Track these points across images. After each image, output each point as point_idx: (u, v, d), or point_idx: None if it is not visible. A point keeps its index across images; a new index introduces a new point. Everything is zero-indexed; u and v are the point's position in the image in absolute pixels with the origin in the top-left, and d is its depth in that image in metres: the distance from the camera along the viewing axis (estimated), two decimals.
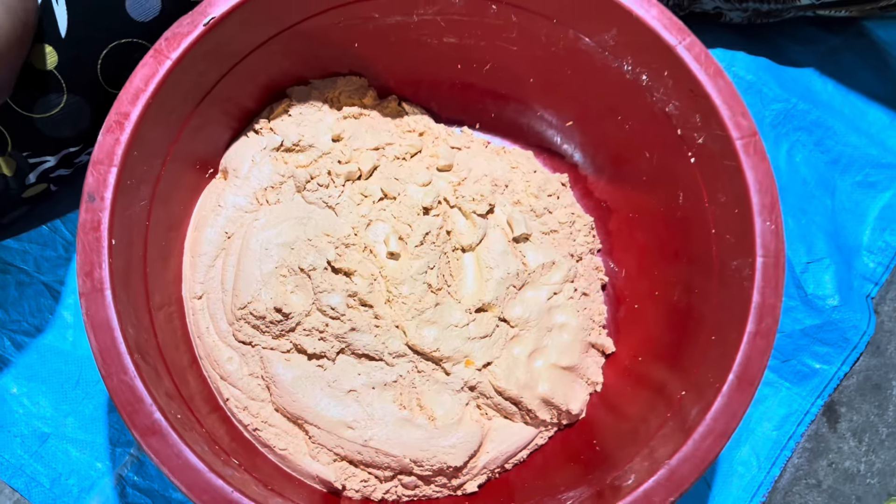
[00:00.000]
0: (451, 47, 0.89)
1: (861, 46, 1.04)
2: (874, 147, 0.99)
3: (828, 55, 1.04)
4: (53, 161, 0.82)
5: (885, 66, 1.04)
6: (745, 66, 1.01)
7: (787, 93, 1.00)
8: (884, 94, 1.02)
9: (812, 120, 0.99)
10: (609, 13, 0.77)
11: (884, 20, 1.05)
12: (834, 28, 1.05)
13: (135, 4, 0.73)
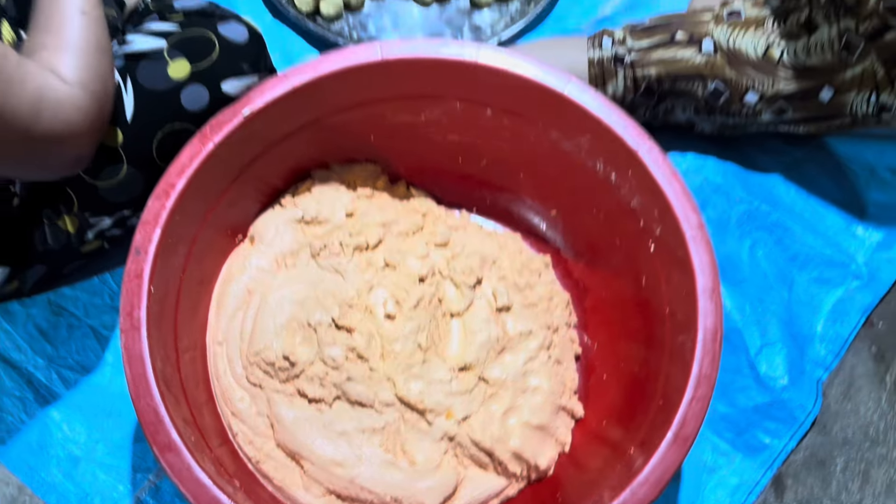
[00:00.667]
0: (454, 143, 1.02)
1: (822, 159, 1.16)
2: (830, 248, 1.09)
3: (792, 165, 1.15)
4: (109, 222, 0.95)
5: (843, 177, 1.15)
6: (714, 171, 1.12)
7: (751, 196, 1.11)
8: (841, 201, 1.13)
9: (774, 220, 1.10)
10: (584, 121, 0.90)
11: (842, 137, 1.17)
12: (798, 142, 1.16)
13: (188, 97, 0.88)
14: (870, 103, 1.05)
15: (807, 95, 1.05)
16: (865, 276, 1.07)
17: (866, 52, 1.02)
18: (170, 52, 0.88)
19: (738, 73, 1.04)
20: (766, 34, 1.05)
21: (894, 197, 1.13)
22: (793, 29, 1.05)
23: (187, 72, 0.87)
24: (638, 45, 1.06)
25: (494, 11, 1.27)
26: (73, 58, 0.74)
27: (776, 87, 1.04)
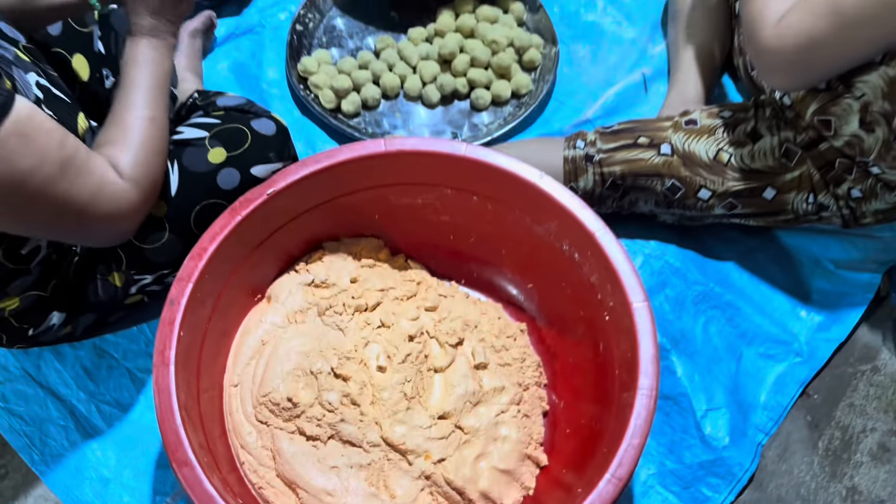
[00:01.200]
0: (446, 223, 1.18)
1: (773, 249, 1.29)
2: (776, 327, 1.22)
3: (745, 253, 1.29)
4: (150, 279, 1.12)
5: (791, 266, 1.28)
6: (674, 256, 1.27)
7: (707, 279, 1.25)
8: (788, 287, 1.26)
9: (727, 301, 1.24)
10: (552, 209, 1.06)
11: (790, 231, 1.31)
12: (751, 233, 1.31)
13: (223, 178, 1.05)
14: (808, 203, 1.19)
15: (752, 193, 1.19)
16: (805, 353, 1.20)
17: (803, 159, 1.17)
18: (210, 141, 1.06)
19: (692, 173, 1.20)
20: (717, 141, 1.21)
21: (835, 285, 1.26)
22: (740, 137, 1.20)
23: (223, 158, 1.05)
24: (606, 146, 1.23)
25: (490, 114, 1.45)
26: (132, 157, 0.91)
27: (725, 186, 1.19)
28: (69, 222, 0.86)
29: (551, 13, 1.55)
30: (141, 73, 0.95)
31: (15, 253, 0.95)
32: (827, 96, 1.10)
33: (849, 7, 0.94)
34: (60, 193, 0.82)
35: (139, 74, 0.95)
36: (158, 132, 0.94)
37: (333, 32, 1.55)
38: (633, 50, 1.55)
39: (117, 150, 0.90)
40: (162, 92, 0.97)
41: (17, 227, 0.86)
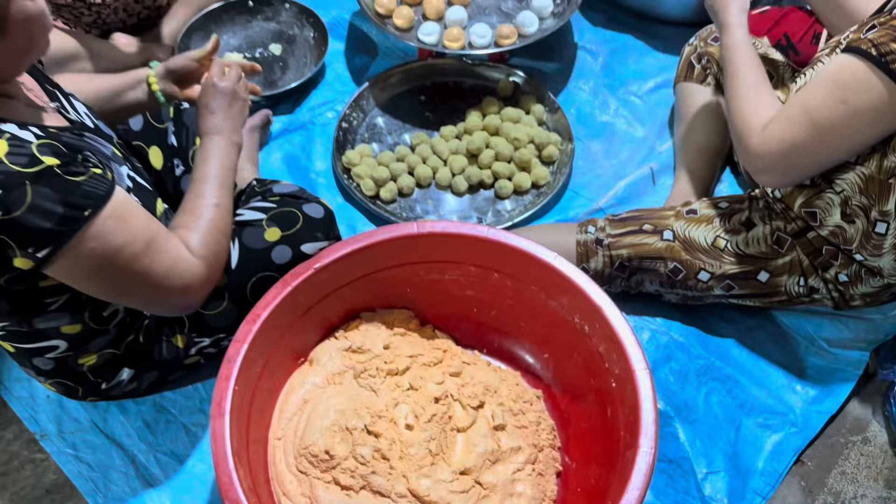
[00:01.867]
0: (470, 297, 1.31)
1: (770, 328, 1.39)
2: (772, 399, 1.30)
3: (745, 332, 1.39)
4: (208, 342, 1.25)
5: (787, 343, 1.37)
6: (679, 332, 1.37)
7: (709, 353, 1.35)
8: (784, 362, 1.35)
9: (727, 374, 1.33)
10: (564, 286, 1.18)
11: (786, 311, 1.41)
12: (750, 313, 1.41)
13: (277, 254, 1.19)
14: (800, 285, 1.29)
15: (748, 276, 1.30)
16: (800, 424, 1.27)
17: (793, 246, 1.28)
18: (267, 222, 1.21)
19: (692, 257, 1.31)
20: (715, 228, 1.33)
21: (828, 362, 1.35)
22: (735, 225, 1.32)
23: (278, 236, 1.20)
24: (614, 232, 1.35)
25: (512, 202, 1.59)
26: (201, 238, 1.06)
27: (723, 269, 1.30)
28: (147, 292, 1.00)
29: (568, 114, 1.71)
30: (209, 167, 1.11)
31: (98, 315, 1.09)
32: (812, 191, 1.22)
33: (822, 118, 1.07)
34: (143, 267, 0.96)
35: (208, 168, 1.11)
36: (223, 216, 1.09)
37: (374, 129, 1.73)
38: (642, 147, 1.69)
39: (189, 232, 1.05)
40: (227, 183, 1.13)
41: (105, 293, 1.00)
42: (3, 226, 0.85)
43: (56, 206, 0.86)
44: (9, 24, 0.85)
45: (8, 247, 0.87)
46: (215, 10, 1.88)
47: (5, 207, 0.84)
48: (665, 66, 1.83)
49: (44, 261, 0.89)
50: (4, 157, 0.84)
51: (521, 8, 1.76)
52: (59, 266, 0.90)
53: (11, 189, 0.83)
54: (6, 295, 0.96)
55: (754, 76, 1.23)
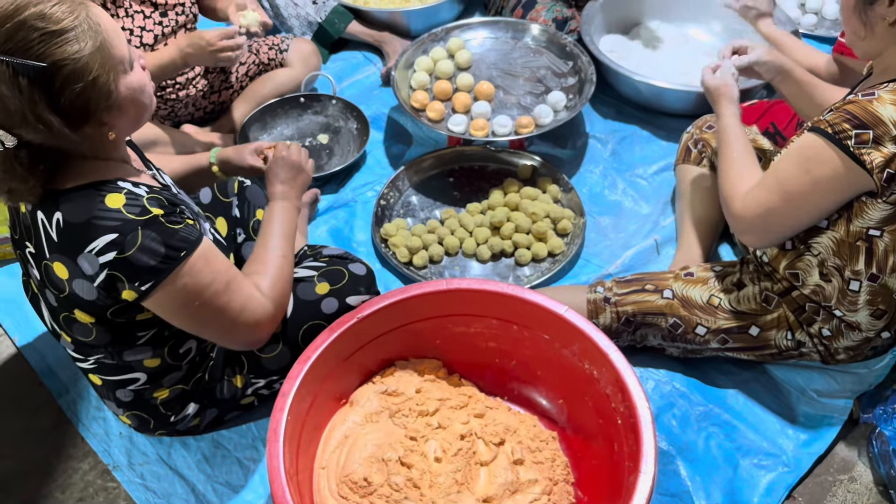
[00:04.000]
0: (492, 349, 1.44)
1: (764, 380, 1.50)
2: (766, 442, 1.40)
3: (741, 383, 1.50)
4: (262, 383, 1.39)
5: (780, 394, 1.48)
6: (680, 382, 1.49)
7: (709, 401, 1.46)
8: (777, 410, 1.45)
9: (725, 420, 1.43)
10: (574, 334, 1.31)
11: (778, 365, 1.52)
12: (745, 366, 1.52)
13: (325, 305, 1.35)
14: (788, 339, 1.41)
15: (740, 330, 1.43)
16: (792, 464, 1.37)
17: (779, 303, 1.41)
18: (318, 278, 1.37)
19: (690, 313, 1.45)
20: (710, 288, 1.46)
21: (817, 410, 1.45)
22: (728, 286, 1.46)
23: (327, 290, 1.36)
24: (620, 291, 1.50)
25: (530, 268, 1.75)
26: (270, 281, 1.23)
27: (718, 324, 1.43)
28: (224, 325, 1.16)
29: (581, 193, 1.88)
30: (276, 224, 1.29)
31: (175, 351, 1.25)
32: (793, 254, 1.36)
33: (791, 186, 1.23)
34: (223, 303, 1.13)
35: (275, 226, 1.29)
36: (288, 266, 1.26)
37: (409, 206, 1.91)
38: (647, 221, 1.85)
39: (260, 277, 1.22)
40: (290, 239, 1.30)
41: (189, 324, 1.15)
42: (118, 263, 1.02)
43: (160, 247, 1.03)
44: (121, 101, 1.03)
45: (119, 280, 1.04)
46: (271, 104, 2.11)
47: (121, 248, 1.01)
48: (667, 151, 2.01)
49: (146, 293, 1.06)
50: (123, 207, 1.02)
51: (537, 102, 1.97)
52: (157, 298, 1.07)
53: (127, 233, 1.02)
54: (109, 326, 1.13)
55: (740, 152, 1.39)
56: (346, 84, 2.29)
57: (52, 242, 1.06)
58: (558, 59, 2.07)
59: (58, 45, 0.94)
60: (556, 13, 2.17)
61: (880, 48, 1.23)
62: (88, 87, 0.97)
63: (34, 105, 0.94)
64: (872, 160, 1.15)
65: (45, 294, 1.16)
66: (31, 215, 1.09)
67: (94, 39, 0.96)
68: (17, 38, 0.92)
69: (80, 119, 0.99)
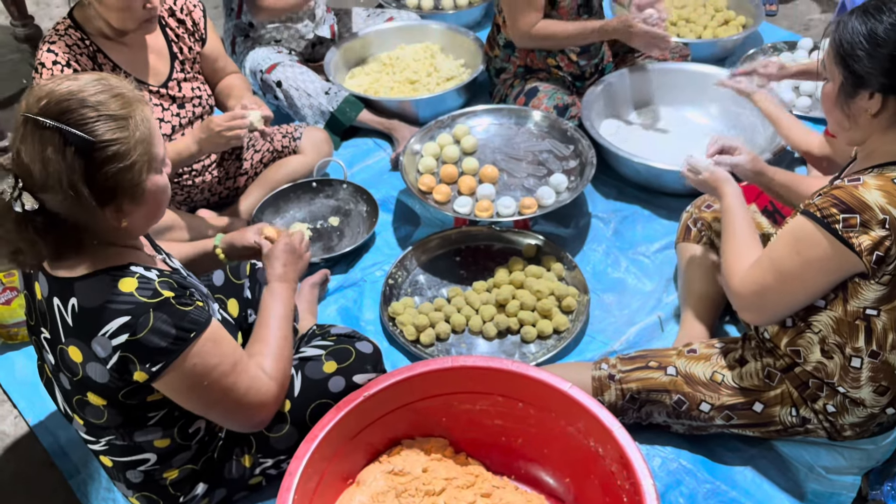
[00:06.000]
0: (498, 426, 1.45)
1: (772, 456, 1.49)
2: None
3: (748, 459, 1.48)
4: (270, 463, 1.40)
5: (787, 469, 1.46)
6: (687, 459, 1.47)
7: (715, 478, 1.44)
8: (786, 487, 1.43)
9: (732, 498, 1.41)
10: (579, 411, 1.32)
11: (786, 441, 1.51)
12: (752, 442, 1.51)
13: (333, 383, 1.37)
14: (792, 416, 1.41)
15: (744, 407, 1.43)
16: None
17: (782, 380, 1.41)
18: (325, 356, 1.40)
19: (693, 390, 1.45)
20: (712, 365, 1.47)
21: (825, 487, 1.42)
22: (731, 362, 1.47)
23: (334, 368, 1.38)
24: (624, 368, 1.51)
25: (536, 346, 1.77)
26: (273, 363, 1.25)
27: (721, 400, 1.44)
28: (230, 405, 1.18)
29: (584, 271, 1.92)
30: (276, 306, 1.33)
31: (185, 431, 1.26)
32: (794, 332, 1.38)
33: (784, 266, 1.26)
34: (230, 384, 1.15)
35: (275, 307, 1.33)
36: (287, 346, 1.29)
37: (416, 285, 1.95)
38: (651, 298, 1.88)
39: (263, 358, 1.25)
40: (289, 319, 1.34)
41: (197, 405, 1.18)
42: (130, 345, 1.06)
43: (171, 328, 1.07)
44: (144, 195, 1.10)
45: (131, 362, 1.07)
46: (284, 189, 2.18)
47: (133, 330, 1.05)
48: (669, 230, 2.05)
49: (157, 374, 1.08)
50: (135, 290, 1.07)
51: (540, 184, 2.03)
52: (167, 379, 1.10)
53: (139, 315, 1.06)
54: (120, 408, 1.15)
55: (741, 230, 1.43)
56: (357, 169, 2.37)
57: (68, 327, 1.10)
58: (560, 143, 2.15)
59: (110, 128, 1.03)
60: (557, 101, 2.25)
61: (864, 137, 1.28)
62: (124, 171, 1.05)
63: (72, 173, 1.01)
64: (861, 243, 1.18)
65: (59, 378, 1.19)
66: (46, 302, 1.13)
67: (141, 132, 1.06)
68: (76, 113, 1.02)
69: (106, 198, 1.05)
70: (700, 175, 1.57)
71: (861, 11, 1.23)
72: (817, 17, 3.11)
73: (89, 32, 1.74)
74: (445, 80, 2.58)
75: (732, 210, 1.47)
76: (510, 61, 2.38)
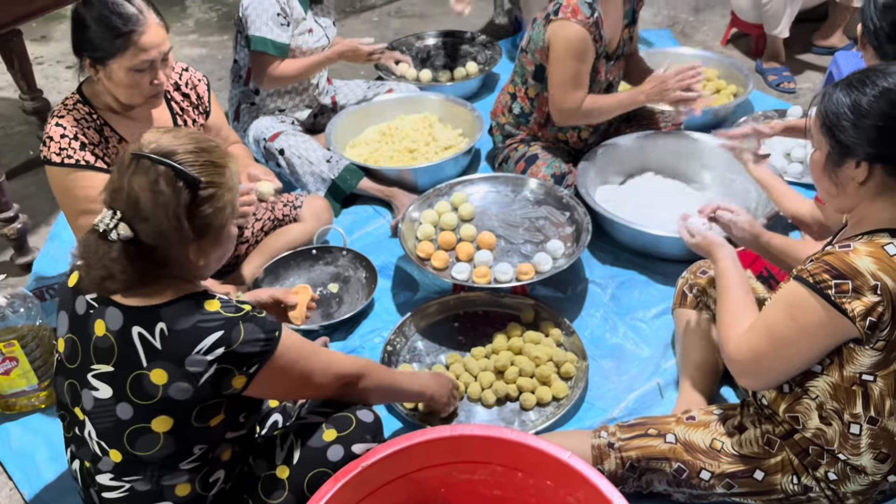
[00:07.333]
0: (497, 497, 1.43)
1: None
2: None
3: None
4: None
5: None
6: None
7: None
8: None
9: None
10: (578, 480, 1.30)
11: None
12: None
13: (331, 452, 1.36)
14: (794, 484, 1.40)
15: (745, 475, 1.41)
16: None
17: (782, 447, 1.40)
18: (326, 424, 1.39)
19: (693, 458, 1.44)
20: (711, 432, 1.47)
21: None
22: (730, 429, 1.46)
23: (334, 437, 1.37)
24: (624, 436, 1.50)
25: (535, 413, 1.76)
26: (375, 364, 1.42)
27: (721, 468, 1.42)
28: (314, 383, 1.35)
29: (582, 336, 1.92)
30: None
31: (206, 481, 1.29)
32: (791, 397, 1.38)
33: (778, 332, 1.27)
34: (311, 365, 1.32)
35: None
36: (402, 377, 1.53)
37: (415, 351, 1.95)
38: (649, 364, 1.88)
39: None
40: None
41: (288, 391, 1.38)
42: (227, 356, 1.19)
43: (260, 334, 1.21)
44: (223, 238, 1.26)
45: (228, 372, 1.18)
46: (284, 257, 2.21)
47: (228, 342, 1.19)
48: (665, 295, 2.07)
49: (253, 375, 1.22)
50: (221, 308, 1.22)
51: (537, 250, 2.06)
52: (262, 378, 1.23)
53: (231, 329, 1.18)
54: (181, 434, 1.21)
55: (737, 295, 1.44)
56: (357, 235, 2.40)
57: (155, 351, 1.19)
58: (556, 210, 2.18)
59: (213, 173, 1.21)
60: (555, 169, 2.31)
61: (852, 204, 1.30)
62: (217, 212, 1.21)
63: (178, 205, 1.16)
64: (854, 309, 1.19)
65: (110, 412, 1.22)
66: (119, 333, 1.21)
67: (233, 182, 1.25)
68: (189, 158, 1.19)
69: (198, 234, 1.20)
70: (694, 238, 1.60)
71: (845, 84, 1.28)
72: (806, 86, 3.19)
73: (97, 107, 1.79)
74: (443, 149, 2.64)
75: (727, 274, 1.49)
76: (520, 129, 2.46)
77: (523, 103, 2.41)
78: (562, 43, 2.16)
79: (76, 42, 1.68)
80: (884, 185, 1.25)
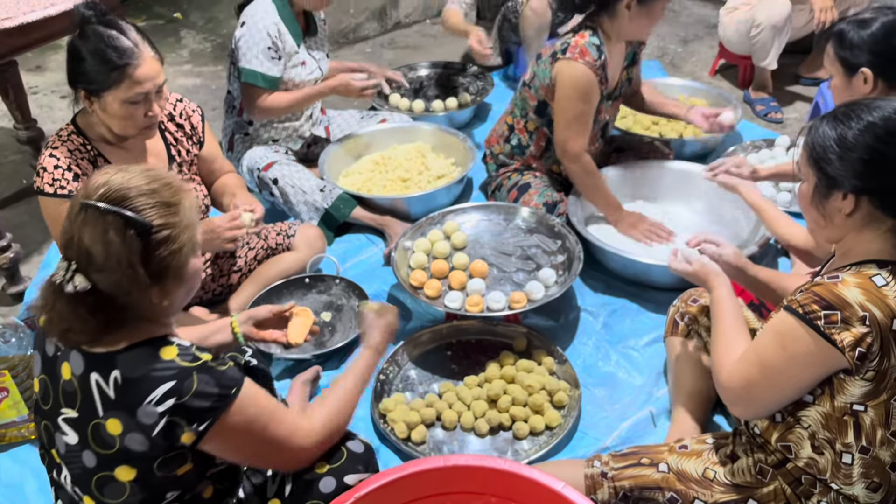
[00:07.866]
0: None
1: None
2: None
3: None
4: None
5: None
6: None
7: None
8: None
9: None
10: None
11: None
12: None
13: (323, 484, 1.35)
14: None
15: None
16: None
17: (774, 475, 1.40)
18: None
19: (686, 487, 1.44)
20: (704, 461, 1.46)
21: None
22: (722, 458, 1.46)
23: (325, 469, 1.36)
24: (616, 465, 1.50)
25: (528, 442, 1.75)
26: (325, 411, 1.33)
27: (714, 497, 1.42)
28: (272, 451, 1.25)
29: (575, 365, 1.92)
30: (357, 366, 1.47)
31: None
32: (783, 427, 1.38)
33: (768, 361, 1.28)
34: (270, 432, 1.23)
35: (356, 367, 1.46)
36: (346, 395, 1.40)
37: (408, 380, 1.95)
38: (641, 393, 1.88)
39: (318, 407, 1.35)
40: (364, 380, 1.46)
41: (242, 455, 1.25)
42: (176, 409, 1.12)
43: (214, 388, 1.15)
44: (186, 276, 1.20)
45: (178, 426, 1.13)
46: (277, 285, 2.21)
47: (179, 394, 1.12)
48: (657, 323, 2.08)
49: (203, 433, 1.14)
50: (176, 357, 1.15)
51: (529, 278, 2.07)
52: (212, 436, 1.15)
53: (184, 379, 1.12)
54: (147, 483, 1.17)
55: (730, 323, 1.45)
56: (350, 264, 2.40)
57: (109, 400, 1.15)
58: (548, 238, 2.20)
59: (166, 214, 1.15)
60: (546, 198, 2.33)
61: (840, 235, 1.32)
62: (174, 253, 1.16)
63: (131, 254, 1.11)
64: (843, 339, 1.20)
65: (78, 458, 1.19)
66: (80, 379, 1.17)
67: (188, 219, 1.19)
68: (135, 200, 1.13)
69: (157, 277, 1.15)
70: (691, 267, 1.60)
71: (831, 117, 1.30)
72: (793, 116, 3.24)
73: (91, 138, 1.80)
74: (436, 178, 2.66)
75: (722, 302, 1.50)
76: (514, 159, 2.49)
77: (521, 135, 2.44)
78: (568, 82, 2.18)
79: (71, 74, 1.70)
80: (870, 216, 1.27)
